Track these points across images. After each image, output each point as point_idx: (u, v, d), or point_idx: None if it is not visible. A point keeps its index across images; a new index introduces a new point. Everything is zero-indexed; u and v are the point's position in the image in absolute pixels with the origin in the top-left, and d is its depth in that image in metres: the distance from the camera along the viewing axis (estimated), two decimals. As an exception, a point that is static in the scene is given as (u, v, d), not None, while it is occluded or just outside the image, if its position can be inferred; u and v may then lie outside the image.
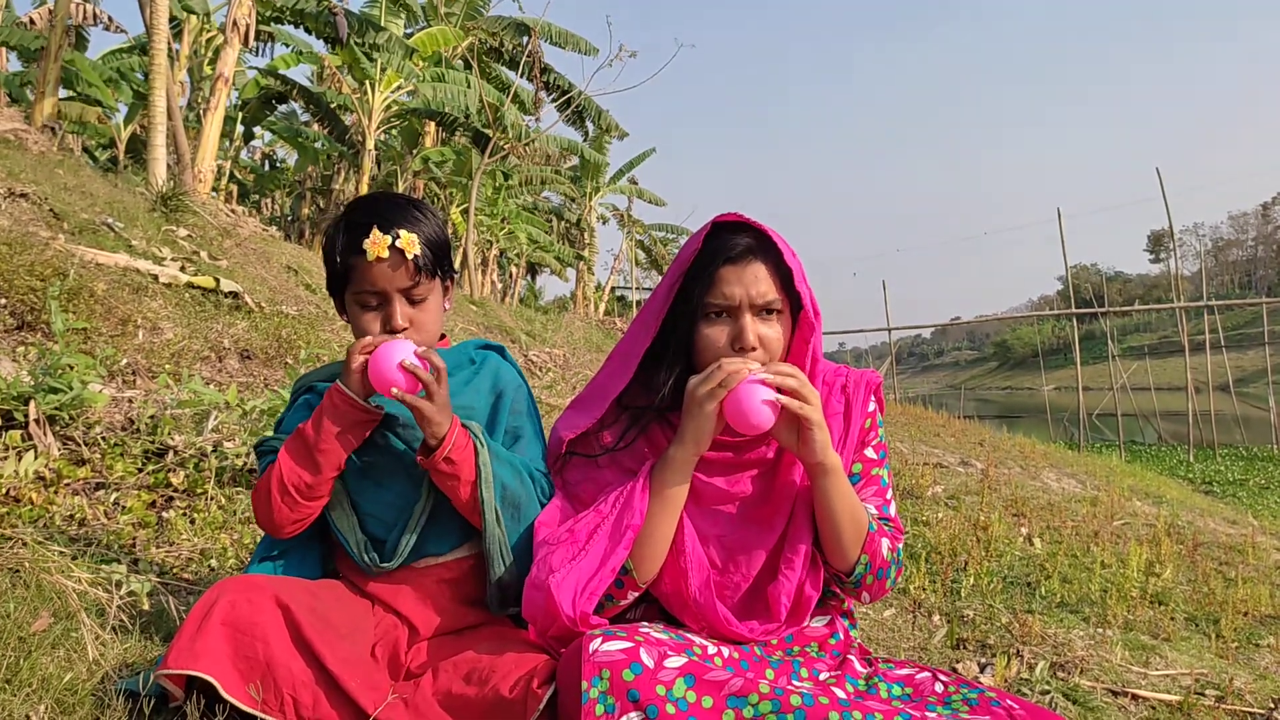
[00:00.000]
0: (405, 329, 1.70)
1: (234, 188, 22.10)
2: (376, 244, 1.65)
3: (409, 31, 18.44)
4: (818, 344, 1.69)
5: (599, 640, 1.36)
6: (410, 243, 1.67)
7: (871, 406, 1.78)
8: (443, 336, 1.89)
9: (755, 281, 1.59)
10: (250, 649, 1.45)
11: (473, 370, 1.88)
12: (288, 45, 18.41)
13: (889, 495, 1.76)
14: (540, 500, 1.75)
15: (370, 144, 17.79)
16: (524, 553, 1.68)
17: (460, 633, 1.73)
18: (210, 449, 3.16)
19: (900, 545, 1.71)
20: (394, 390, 1.58)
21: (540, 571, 1.56)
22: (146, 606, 2.15)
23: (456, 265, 1.88)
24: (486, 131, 16.12)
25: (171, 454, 3.10)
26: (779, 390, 1.52)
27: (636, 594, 1.62)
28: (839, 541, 1.61)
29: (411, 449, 1.77)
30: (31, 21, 16.10)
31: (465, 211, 16.80)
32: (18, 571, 2.10)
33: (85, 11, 16.58)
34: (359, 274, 1.69)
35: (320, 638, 1.50)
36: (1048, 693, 2.45)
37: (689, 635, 1.53)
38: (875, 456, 1.76)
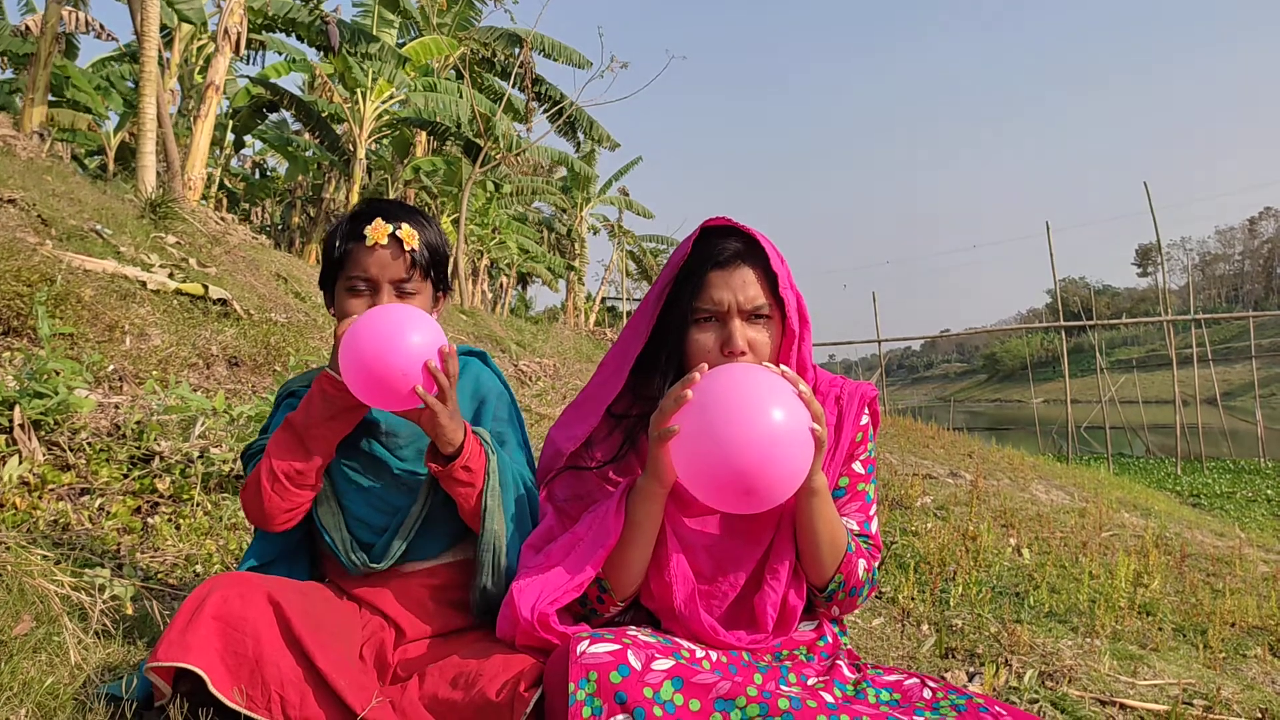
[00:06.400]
0: None
1: (224, 195, 22.08)
2: (378, 230, 1.70)
3: (401, 41, 18.48)
4: (806, 351, 1.67)
5: (586, 642, 1.35)
6: (410, 236, 1.72)
7: (864, 420, 1.76)
8: None
9: (744, 286, 1.58)
10: (240, 645, 1.45)
11: None
12: (280, 53, 18.43)
13: (872, 511, 1.75)
14: (530, 510, 1.75)
15: (361, 153, 17.79)
16: (513, 564, 1.68)
17: (447, 636, 1.73)
18: (197, 455, 3.14)
19: (876, 565, 1.70)
20: (418, 388, 1.56)
21: (511, 585, 1.57)
22: (130, 611, 2.13)
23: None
24: (478, 141, 16.13)
25: (157, 460, 3.08)
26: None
27: (618, 608, 1.62)
28: (816, 559, 1.61)
29: (395, 456, 1.78)
30: (27, 29, 16.07)
31: (456, 221, 16.77)
32: None
33: (76, 19, 16.55)
34: (354, 259, 1.72)
35: (311, 636, 1.49)
36: (1036, 701, 2.45)
37: (677, 639, 1.52)
38: (863, 471, 1.75)
